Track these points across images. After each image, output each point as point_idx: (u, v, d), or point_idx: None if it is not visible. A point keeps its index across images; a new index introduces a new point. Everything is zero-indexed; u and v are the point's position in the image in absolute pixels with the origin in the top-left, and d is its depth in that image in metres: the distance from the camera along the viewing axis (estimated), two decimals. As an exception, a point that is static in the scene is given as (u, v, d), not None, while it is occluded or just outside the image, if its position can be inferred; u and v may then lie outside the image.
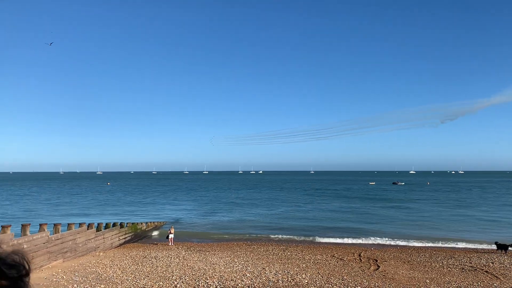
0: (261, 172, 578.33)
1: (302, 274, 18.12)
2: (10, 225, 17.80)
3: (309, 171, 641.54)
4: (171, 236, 32.18)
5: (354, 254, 25.86)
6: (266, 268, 19.35)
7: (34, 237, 19.05)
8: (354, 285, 16.06)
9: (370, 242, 32.52)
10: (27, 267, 1.01)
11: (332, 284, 16.01)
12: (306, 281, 16.49)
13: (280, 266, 20.47)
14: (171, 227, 33.83)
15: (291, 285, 15.54)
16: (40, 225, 20.52)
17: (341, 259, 23.74)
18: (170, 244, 30.88)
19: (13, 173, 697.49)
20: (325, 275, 18.25)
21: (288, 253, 25.61)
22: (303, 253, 25.96)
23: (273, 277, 16.97)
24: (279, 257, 23.99)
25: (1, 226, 17.63)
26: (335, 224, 43.75)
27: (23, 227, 18.98)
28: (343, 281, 16.76)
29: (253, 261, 22.20)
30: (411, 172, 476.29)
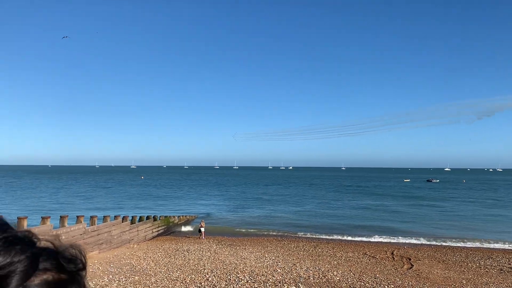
0: (291, 168, 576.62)
1: (334, 271, 17.97)
2: (49, 217, 18.47)
3: (340, 168, 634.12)
4: (202, 230, 32.66)
5: (386, 252, 25.42)
6: (297, 264, 19.30)
7: (72, 229, 19.72)
8: (387, 284, 15.79)
9: (403, 240, 31.83)
10: (84, 261, 1.02)
11: (365, 282, 15.80)
12: (338, 278, 16.34)
13: (311, 262, 20.37)
14: (202, 221, 34.32)
15: (322, 282, 15.44)
16: (77, 217, 21.22)
17: (373, 257, 23.39)
18: (201, 238, 31.31)
19: (52, 166, 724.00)
20: (357, 272, 18.03)
21: (319, 250, 25.45)
22: (334, 250, 25.74)
23: (304, 273, 16.91)
24: (310, 254, 23.87)
25: (41, 217, 18.34)
26: (366, 222, 43.11)
27: (61, 218, 19.67)
28: (376, 279, 16.50)
29: (284, 257, 22.19)
30: (446, 169, 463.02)
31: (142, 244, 26.78)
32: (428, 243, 31.05)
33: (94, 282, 13.96)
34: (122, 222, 25.87)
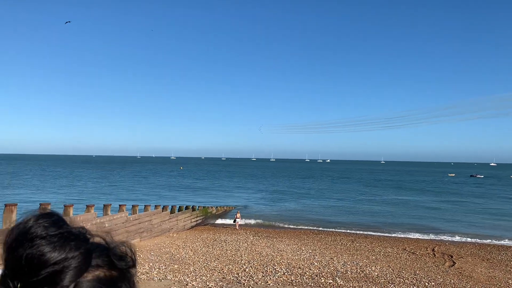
0: (328, 160, 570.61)
1: (372, 266, 17.70)
2: (93, 205, 19.20)
3: (380, 161, 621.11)
4: (238, 221, 33.12)
5: (427, 248, 24.75)
6: (334, 258, 19.16)
7: (115, 217, 20.42)
8: (427, 281, 15.39)
9: (444, 237, 30.83)
10: (134, 258, 1.03)
11: (404, 278, 15.47)
12: (376, 273, 16.08)
13: (348, 257, 20.16)
14: (237, 212, 34.81)
15: (360, 277, 15.26)
16: (120, 205, 21.95)
17: (413, 253, 22.84)
18: (236, 228, 31.73)
19: (96, 156, 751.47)
20: (396, 268, 17.68)
21: (357, 244, 25.13)
22: (372, 245, 25.33)
23: (341, 268, 16.76)
24: (347, 248, 23.61)
25: (86, 205, 19.10)
26: (405, 218, 42.15)
27: (105, 207, 20.42)
28: (416, 276, 16.12)
29: (321, 250, 22.07)
30: (492, 164, 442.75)
31: (181, 234, 27.39)
32: (471, 240, 29.94)
33: (135, 269, 14.43)
34: (162, 211, 26.54)
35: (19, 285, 0.88)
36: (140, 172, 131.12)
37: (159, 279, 13.15)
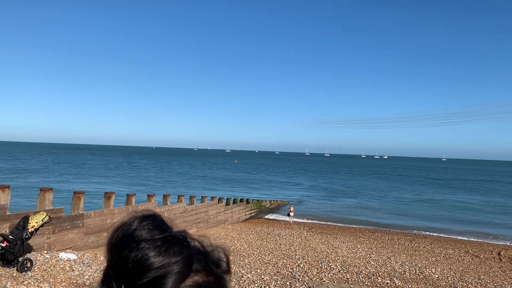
0: (385, 157, 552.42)
1: (432, 268, 16.98)
2: (154, 195, 19.98)
3: (441, 158, 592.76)
4: (291, 214, 33.16)
5: (492, 252, 23.35)
6: (392, 258, 18.59)
7: (173, 207, 21.13)
8: (493, 286, 14.53)
9: (510, 243, 28.89)
10: (229, 264, 1.02)
11: (467, 283, 14.69)
12: (436, 276, 15.41)
13: (406, 257, 19.48)
14: (291, 206, 34.80)
15: (419, 279, 14.68)
16: (178, 196, 22.67)
17: (476, 256, 21.65)
18: (290, 222, 31.76)
19: (156, 147, 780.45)
20: (458, 271, 16.83)
21: (415, 244, 24.22)
22: (432, 245, 24.30)
23: (399, 268, 16.23)
24: (405, 248, 22.84)
25: (147, 195, 19.93)
26: (469, 218, 39.96)
27: (164, 197, 21.18)
28: (480, 281, 15.26)
29: (377, 249, 21.51)
30: None
31: (235, 225, 27.83)
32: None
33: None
34: (218, 203, 27.09)
35: (123, 287, 0.90)
36: (196, 164, 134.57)
37: (215, 269, 13.43)
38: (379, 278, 14.12)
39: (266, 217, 35.65)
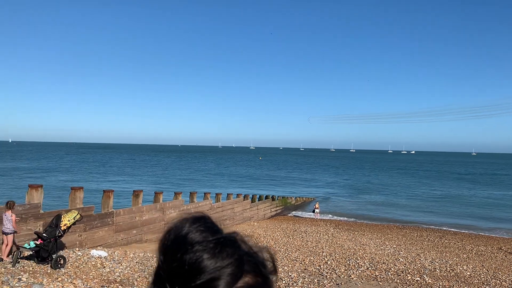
0: (413, 152, 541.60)
1: (463, 265, 16.56)
2: (181, 192, 20.22)
3: (470, 153, 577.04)
4: (317, 211, 33.01)
5: (527, 249, 22.59)
6: (421, 255, 18.24)
7: (200, 204, 21.32)
8: (528, 285, 14.05)
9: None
10: (275, 264, 1.01)
11: (501, 280, 14.26)
12: (468, 273, 15.02)
13: (436, 254, 19.07)
14: (316, 203, 34.63)
15: (450, 276, 14.35)
16: (204, 193, 22.90)
17: (510, 253, 20.99)
18: (316, 219, 31.59)
19: (181, 145, 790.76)
20: (491, 269, 16.37)
21: (445, 241, 23.69)
22: (462, 242, 23.72)
23: (429, 265, 15.90)
24: (435, 244, 22.37)
25: (174, 192, 20.16)
26: (502, 214, 38.78)
27: (191, 194, 21.39)
28: (515, 279, 14.79)
29: (406, 246, 21.15)
30: None
31: (261, 223, 27.86)
32: None
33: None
34: (244, 200, 27.18)
35: None
36: (220, 161, 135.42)
37: (243, 266, 13.47)
38: (408, 275, 13.87)
39: (291, 214, 35.56)
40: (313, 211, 33.45)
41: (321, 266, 14.51)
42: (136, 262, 12.21)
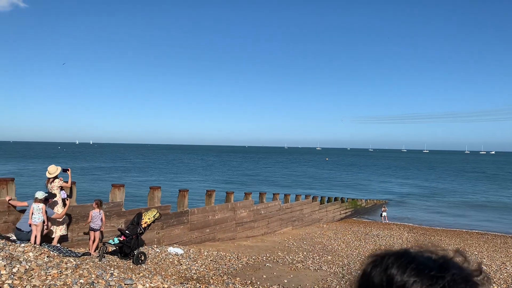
0: (492, 152, 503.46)
1: (557, 277, 15.08)
2: (251, 193, 20.47)
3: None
4: (384, 214, 31.89)
5: None
6: (507, 263, 16.89)
7: (269, 205, 21.45)
8: None
9: None
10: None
11: None
12: None
13: (525, 263, 17.55)
14: (383, 206, 33.46)
15: (543, 288, 13.13)
16: (274, 194, 22.97)
17: None
18: (383, 222, 30.62)
19: (248, 146, 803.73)
20: None
21: (535, 250, 21.73)
22: (555, 251, 21.61)
23: (517, 275, 14.68)
24: (523, 253, 20.60)
25: (244, 193, 20.47)
26: None
27: (260, 195, 21.56)
28: None
29: (489, 253, 19.72)
30: None
31: (330, 225, 27.42)
32: None
33: (290, 257, 14.92)
34: (313, 202, 26.92)
35: None
36: (286, 163, 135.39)
37: (315, 269, 13.34)
38: (494, 285, 12.91)
39: (362, 216, 34.61)
40: (380, 215, 32.33)
41: (397, 271, 13.96)
42: (211, 260, 12.55)
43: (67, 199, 10.79)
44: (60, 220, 10.59)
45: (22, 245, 8.30)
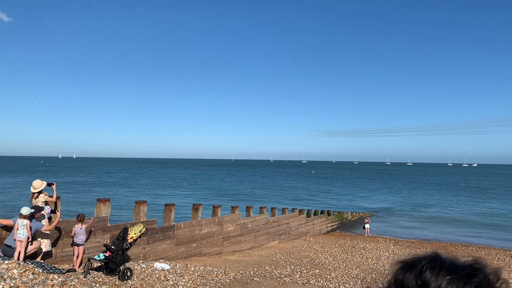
0: (475, 165, 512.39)
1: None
2: (238, 206, 20.36)
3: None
4: (367, 226, 32.17)
5: None
6: None
7: (256, 218, 21.35)
8: None
9: None
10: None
11: None
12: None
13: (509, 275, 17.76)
14: (366, 218, 33.75)
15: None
16: (260, 208, 22.88)
17: None
18: (366, 235, 30.87)
19: (234, 160, 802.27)
20: None
21: (518, 261, 22.02)
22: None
23: None
24: (506, 264, 20.85)
25: (231, 207, 20.34)
26: None
27: (247, 208, 21.46)
28: None
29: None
30: None
31: (317, 238, 27.41)
32: None
33: (278, 271, 14.82)
34: (299, 215, 26.89)
35: None
36: (274, 175, 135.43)
37: (303, 282, 13.28)
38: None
39: (348, 229, 34.69)
40: (363, 227, 32.55)
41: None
42: (198, 275, 12.38)
43: (57, 211, 10.67)
44: (49, 233, 10.41)
45: (6, 261, 8.09)
